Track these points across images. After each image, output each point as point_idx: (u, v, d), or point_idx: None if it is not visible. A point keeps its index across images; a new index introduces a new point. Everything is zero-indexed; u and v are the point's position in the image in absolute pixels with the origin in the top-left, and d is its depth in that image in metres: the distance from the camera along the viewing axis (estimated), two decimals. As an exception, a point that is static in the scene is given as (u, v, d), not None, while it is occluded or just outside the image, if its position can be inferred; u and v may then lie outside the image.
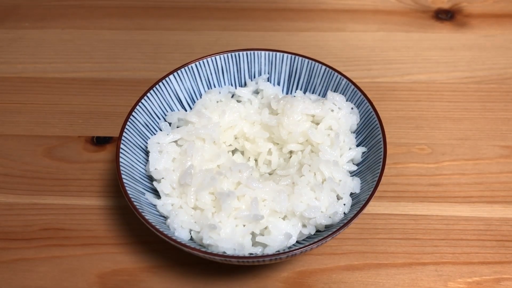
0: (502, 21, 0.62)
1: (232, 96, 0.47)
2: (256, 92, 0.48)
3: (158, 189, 0.40)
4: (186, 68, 0.45)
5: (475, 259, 0.41)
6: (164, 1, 0.66)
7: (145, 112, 0.43)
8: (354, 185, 0.40)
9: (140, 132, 0.42)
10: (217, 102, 0.46)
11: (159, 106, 0.44)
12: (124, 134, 0.40)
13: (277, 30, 0.62)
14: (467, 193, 0.46)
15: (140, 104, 0.42)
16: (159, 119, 0.44)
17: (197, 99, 0.47)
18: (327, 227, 0.38)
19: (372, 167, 0.40)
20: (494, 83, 0.55)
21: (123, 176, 0.38)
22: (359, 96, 0.43)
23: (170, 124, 0.44)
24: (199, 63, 0.46)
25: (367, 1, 0.66)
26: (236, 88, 0.47)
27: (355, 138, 0.44)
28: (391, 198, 0.45)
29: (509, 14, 0.63)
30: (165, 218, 0.39)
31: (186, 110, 0.46)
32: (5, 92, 0.55)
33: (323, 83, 0.46)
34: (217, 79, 0.47)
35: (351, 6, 0.65)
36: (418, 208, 0.45)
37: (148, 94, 0.43)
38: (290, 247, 0.37)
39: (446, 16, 0.63)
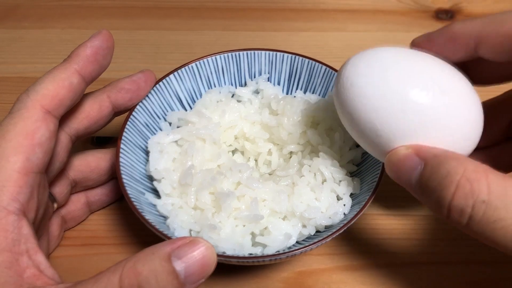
0: (502, 21, 0.62)
1: (232, 96, 0.47)
2: (256, 92, 0.47)
3: (158, 189, 0.40)
4: (186, 68, 0.45)
5: (474, 259, 0.41)
6: (164, 1, 0.66)
7: (145, 112, 0.43)
8: (354, 185, 0.40)
9: (140, 132, 0.42)
10: (217, 102, 0.46)
11: (159, 106, 0.44)
12: (124, 134, 0.40)
13: (277, 30, 0.62)
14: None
15: (140, 104, 0.42)
16: (160, 119, 0.44)
17: (197, 99, 0.47)
18: (327, 227, 0.38)
19: (372, 167, 0.40)
20: (494, 83, 0.55)
21: (123, 176, 0.38)
22: (359, 96, 0.43)
23: (170, 124, 0.44)
24: (199, 63, 0.46)
25: (367, 1, 0.66)
26: (236, 88, 0.47)
27: (355, 138, 0.43)
28: (391, 198, 0.45)
29: (509, 14, 0.63)
30: (165, 218, 0.39)
31: (186, 110, 0.46)
32: (5, 92, 0.55)
33: (323, 83, 0.46)
34: (217, 79, 0.47)
35: (351, 6, 0.65)
36: (418, 208, 0.45)
37: (148, 94, 0.43)
38: (290, 248, 0.37)
39: (446, 16, 0.63)
